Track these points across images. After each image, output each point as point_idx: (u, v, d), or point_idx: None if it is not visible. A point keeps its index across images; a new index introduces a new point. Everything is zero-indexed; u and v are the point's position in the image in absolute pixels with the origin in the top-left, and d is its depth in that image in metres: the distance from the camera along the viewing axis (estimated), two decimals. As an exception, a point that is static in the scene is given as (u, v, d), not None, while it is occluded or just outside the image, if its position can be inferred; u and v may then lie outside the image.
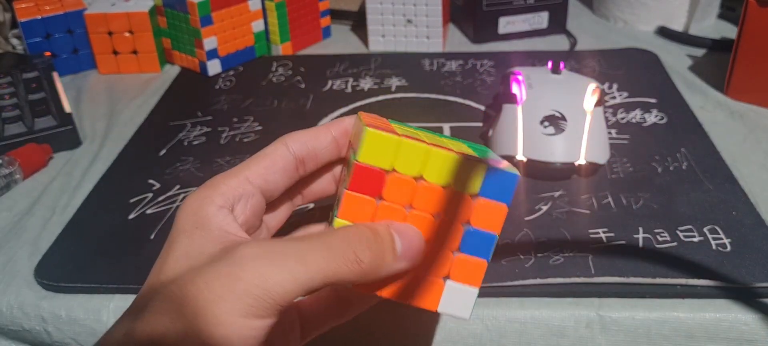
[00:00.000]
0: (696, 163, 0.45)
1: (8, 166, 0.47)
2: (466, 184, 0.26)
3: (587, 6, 0.77)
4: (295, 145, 0.28)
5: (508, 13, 0.67)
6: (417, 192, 0.26)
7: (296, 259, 0.23)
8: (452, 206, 0.26)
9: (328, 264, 0.23)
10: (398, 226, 0.26)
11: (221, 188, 0.26)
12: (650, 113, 0.52)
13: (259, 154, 0.28)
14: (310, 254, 0.23)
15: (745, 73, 0.53)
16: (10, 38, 0.67)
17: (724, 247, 0.38)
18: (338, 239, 0.24)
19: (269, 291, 0.22)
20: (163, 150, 0.50)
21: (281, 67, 0.64)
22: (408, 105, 0.56)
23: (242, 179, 0.27)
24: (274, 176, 0.28)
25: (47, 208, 0.45)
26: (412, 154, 0.25)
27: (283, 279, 0.22)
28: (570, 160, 0.44)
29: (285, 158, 0.28)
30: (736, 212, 0.40)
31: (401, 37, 0.66)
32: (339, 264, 0.24)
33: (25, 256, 0.40)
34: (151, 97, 0.59)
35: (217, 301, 0.22)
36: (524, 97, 0.46)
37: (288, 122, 0.54)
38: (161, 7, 0.62)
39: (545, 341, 0.35)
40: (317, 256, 0.23)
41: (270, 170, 0.28)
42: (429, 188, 0.26)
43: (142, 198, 0.45)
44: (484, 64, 0.62)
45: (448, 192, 0.26)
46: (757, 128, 0.50)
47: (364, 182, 0.26)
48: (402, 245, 0.25)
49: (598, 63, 0.61)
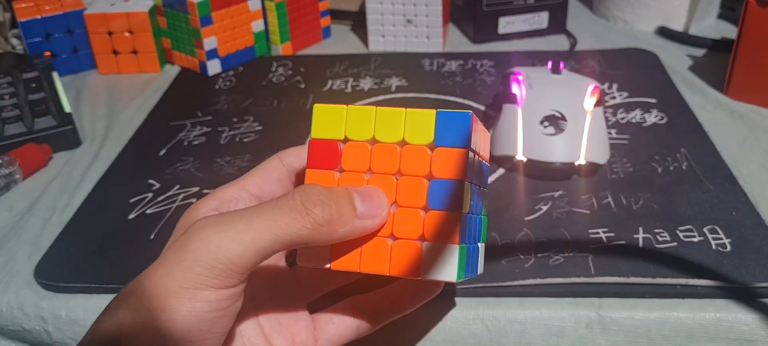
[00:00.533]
0: (696, 164, 0.45)
1: (8, 166, 0.47)
2: (419, 135, 0.25)
3: (587, 6, 0.77)
4: (289, 159, 0.30)
5: (508, 13, 0.67)
6: (374, 155, 0.26)
7: (244, 221, 0.23)
8: (411, 162, 0.26)
9: (276, 221, 0.23)
10: (358, 187, 0.26)
11: (217, 194, 0.28)
12: (650, 113, 0.52)
13: (256, 167, 0.30)
14: (257, 215, 0.23)
15: (745, 73, 0.53)
16: (10, 38, 0.67)
17: (724, 247, 0.38)
18: (286, 197, 0.24)
19: (216, 256, 0.22)
20: (163, 150, 0.50)
21: (281, 67, 0.64)
22: (408, 105, 0.55)
23: (239, 188, 0.29)
24: (270, 186, 0.29)
25: (47, 208, 0.45)
26: (361, 117, 0.26)
27: (230, 241, 0.23)
28: (570, 160, 0.44)
29: (279, 170, 0.30)
30: (736, 212, 0.40)
31: (401, 37, 0.66)
32: (288, 220, 0.23)
33: (25, 256, 0.40)
34: (151, 97, 0.59)
35: (167, 275, 0.22)
36: (524, 97, 0.46)
37: (288, 122, 0.54)
38: (161, 7, 0.62)
39: (545, 341, 0.35)
40: (265, 215, 0.23)
41: (265, 179, 0.29)
42: (384, 147, 0.26)
43: (142, 198, 0.45)
44: (484, 64, 0.62)
45: (404, 149, 0.26)
46: (757, 128, 0.50)
47: (321, 157, 0.26)
48: (363, 202, 0.25)
49: (598, 63, 0.61)
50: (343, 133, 0.26)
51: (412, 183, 0.26)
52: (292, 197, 0.24)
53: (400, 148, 0.26)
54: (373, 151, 0.26)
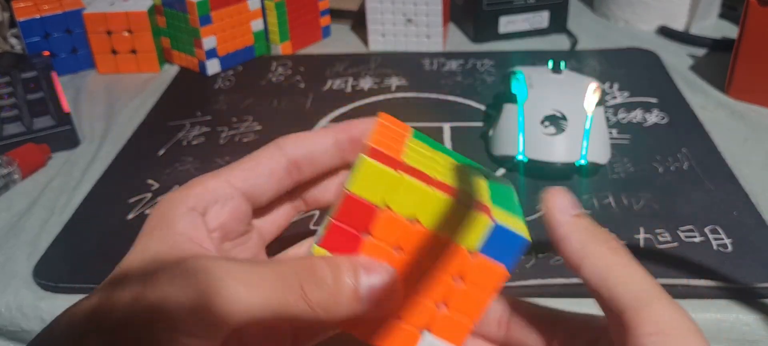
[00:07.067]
0: (697, 164, 0.45)
1: (7, 166, 0.46)
2: (464, 236, 0.22)
3: (588, 5, 0.76)
4: (290, 147, 0.26)
5: (508, 12, 0.66)
6: (409, 234, 0.23)
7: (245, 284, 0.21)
8: (446, 257, 0.23)
9: (275, 295, 0.21)
10: (370, 263, 0.23)
11: (196, 189, 0.25)
12: (651, 113, 0.52)
13: (247, 156, 0.26)
14: (259, 280, 0.21)
15: (746, 73, 0.53)
16: (9, 38, 0.67)
17: (725, 247, 0.37)
18: (290, 270, 0.22)
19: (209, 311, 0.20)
20: (161, 150, 0.50)
21: (281, 67, 0.64)
22: (408, 105, 0.56)
23: (222, 181, 0.25)
24: (259, 180, 0.26)
25: (46, 208, 0.44)
26: (411, 194, 0.22)
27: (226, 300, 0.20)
28: (570, 160, 0.44)
29: (273, 160, 0.26)
30: (737, 212, 0.40)
31: (401, 37, 0.66)
32: (287, 297, 0.21)
33: (24, 256, 0.40)
34: (150, 96, 0.59)
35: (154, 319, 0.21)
36: (525, 96, 0.46)
37: (287, 122, 0.53)
38: (160, 6, 0.62)
39: (546, 342, 0.35)
40: (266, 285, 0.21)
41: (254, 173, 0.26)
42: (423, 232, 0.23)
43: (141, 198, 0.45)
44: (484, 64, 0.62)
45: (443, 240, 0.23)
46: (758, 128, 0.50)
47: (352, 215, 0.23)
48: (367, 286, 0.22)
49: (598, 63, 0.61)
50: (385, 201, 0.23)
51: (440, 279, 0.23)
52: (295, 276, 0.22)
53: (440, 237, 0.23)
54: (410, 230, 0.23)
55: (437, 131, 0.51)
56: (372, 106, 0.56)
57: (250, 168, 0.26)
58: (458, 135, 0.50)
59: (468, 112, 0.54)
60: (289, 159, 0.26)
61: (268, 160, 0.26)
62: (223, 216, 0.25)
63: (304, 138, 0.27)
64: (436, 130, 0.51)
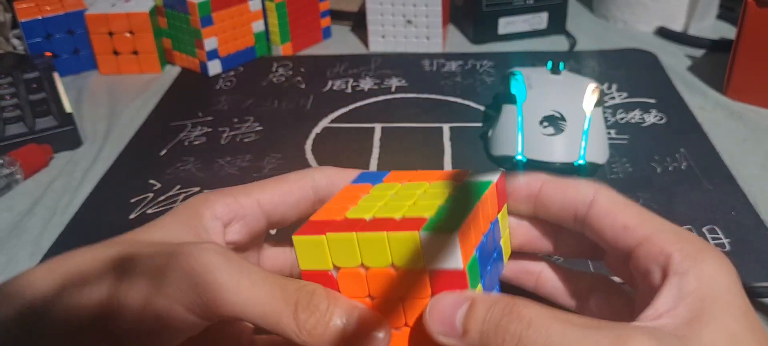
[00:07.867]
0: (695, 164, 0.46)
1: (9, 167, 0.47)
2: (410, 259, 0.22)
3: (587, 6, 0.77)
4: (323, 182, 0.27)
5: (507, 13, 0.67)
6: (371, 280, 0.23)
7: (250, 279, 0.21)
8: (408, 285, 0.22)
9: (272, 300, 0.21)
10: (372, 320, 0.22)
11: (227, 198, 0.26)
12: (649, 113, 0.52)
13: (281, 178, 0.27)
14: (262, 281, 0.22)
15: (745, 74, 0.54)
16: (11, 39, 0.67)
17: (724, 247, 0.38)
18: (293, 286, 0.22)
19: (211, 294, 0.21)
20: (163, 150, 0.50)
21: (281, 68, 0.64)
22: (408, 105, 0.56)
23: (252, 200, 0.26)
24: (286, 208, 0.27)
25: (48, 208, 0.45)
26: (344, 246, 0.23)
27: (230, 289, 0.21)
28: (569, 160, 0.44)
29: (303, 192, 0.27)
30: (736, 212, 0.41)
31: (401, 38, 0.66)
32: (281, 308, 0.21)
33: (26, 256, 0.40)
34: (152, 97, 0.59)
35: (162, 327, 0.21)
36: (524, 97, 0.46)
37: (288, 122, 0.54)
38: (162, 7, 0.62)
39: (545, 341, 0.35)
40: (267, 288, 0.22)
41: (284, 200, 0.27)
42: (378, 273, 0.23)
43: (142, 198, 0.45)
44: (483, 65, 0.62)
45: (399, 272, 0.22)
46: (756, 128, 0.50)
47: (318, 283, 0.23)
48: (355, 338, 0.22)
49: (597, 63, 0.62)
50: (331, 262, 0.23)
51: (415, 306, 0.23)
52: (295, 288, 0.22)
53: (396, 272, 0.22)
54: (368, 277, 0.23)
55: (437, 132, 0.51)
56: (372, 106, 0.56)
57: (282, 194, 0.27)
58: (458, 135, 0.51)
59: (467, 113, 0.54)
60: (317, 193, 0.27)
61: (300, 190, 0.27)
62: (241, 234, 0.26)
63: (336, 175, 0.28)
64: (435, 130, 0.52)
